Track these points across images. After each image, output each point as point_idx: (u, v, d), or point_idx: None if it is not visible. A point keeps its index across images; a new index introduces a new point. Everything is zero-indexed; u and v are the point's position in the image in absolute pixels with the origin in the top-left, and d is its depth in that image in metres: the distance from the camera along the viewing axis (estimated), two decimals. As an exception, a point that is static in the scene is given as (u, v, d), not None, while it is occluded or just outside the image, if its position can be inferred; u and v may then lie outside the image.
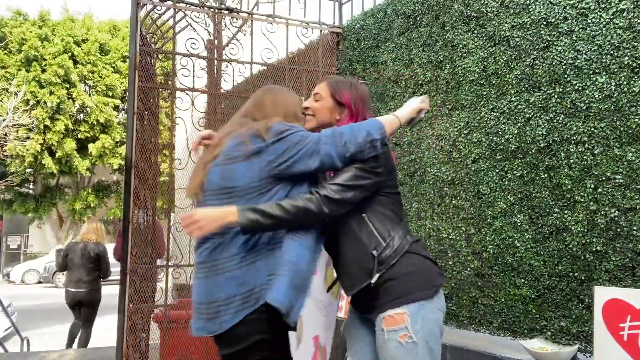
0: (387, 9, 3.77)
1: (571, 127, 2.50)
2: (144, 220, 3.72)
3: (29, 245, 26.55)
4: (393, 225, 1.74)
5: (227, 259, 1.59)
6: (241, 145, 1.63)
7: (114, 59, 20.85)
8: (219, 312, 1.57)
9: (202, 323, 1.61)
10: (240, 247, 1.59)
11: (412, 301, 1.68)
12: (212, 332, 1.59)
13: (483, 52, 2.96)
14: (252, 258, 1.59)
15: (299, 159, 1.62)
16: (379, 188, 1.73)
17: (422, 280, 1.71)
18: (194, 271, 1.71)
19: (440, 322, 1.74)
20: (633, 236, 2.25)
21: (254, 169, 1.61)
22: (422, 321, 1.67)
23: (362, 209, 1.73)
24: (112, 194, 23.40)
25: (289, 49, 4.18)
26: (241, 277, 1.57)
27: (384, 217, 1.74)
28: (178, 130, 4.49)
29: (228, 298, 1.56)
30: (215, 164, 1.67)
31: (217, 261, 1.60)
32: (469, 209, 3.00)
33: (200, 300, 1.62)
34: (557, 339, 2.54)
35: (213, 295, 1.58)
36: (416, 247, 1.74)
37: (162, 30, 4.02)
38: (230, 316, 1.56)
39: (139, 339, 3.61)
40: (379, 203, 1.75)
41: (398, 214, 1.78)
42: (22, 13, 20.94)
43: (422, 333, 1.67)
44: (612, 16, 2.35)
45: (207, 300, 1.59)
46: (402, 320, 1.67)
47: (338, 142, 1.64)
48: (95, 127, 20.24)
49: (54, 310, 11.65)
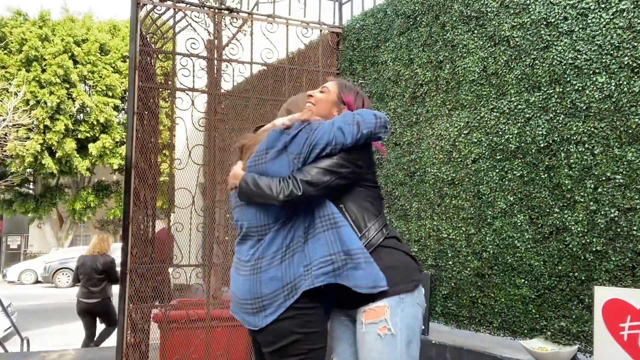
0: (387, 9, 3.77)
1: (571, 127, 2.50)
2: (144, 222, 3.72)
3: (29, 245, 26.55)
4: (370, 217, 1.78)
5: (269, 257, 1.69)
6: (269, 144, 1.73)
7: (114, 59, 20.85)
8: (264, 307, 1.67)
9: (247, 317, 1.72)
10: (280, 244, 1.70)
11: (393, 294, 1.70)
12: (257, 326, 1.69)
13: (483, 52, 2.96)
14: (291, 253, 1.70)
15: (318, 141, 1.69)
16: (358, 180, 1.78)
17: (403, 275, 1.75)
18: (233, 266, 1.82)
19: (419, 316, 1.77)
20: (633, 236, 2.25)
21: (284, 163, 1.70)
22: (401, 314, 1.70)
23: (341, 199, 1.78)
24: (112, 194, 23.40)
25: (289, 49, 4.18)
26: (283, 272, 1.68)
27: (362, 209, 1.79)
28: (178, 130, 4.49)
29: (272, 293, 1.67)
30: (248, 164, 1.76)
31: (262, 259, 1.70)
32: (469, 209, 3.00)
33: (245, 296, 1.71)
34: (557, 339, 2.53)
35: (258, 292, 1.68)
36: (394, 242, 1.78)
37: (162, 30, 4.02)
38: (274, 309, 1.66)
39: (139, 339, 3.61)
40: (358, 195, 1.79)
41: (377, 208, 1.82)
42: (22, 13, 20.93)
43: (400, 325, 1.70)
44: (612, 16, 2.35)
45: (252, 296, 1.69)
46: (382, 312, 1.70)
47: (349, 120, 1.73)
48: (95, 127, 20.25)
49: (54, 310, 11.65)
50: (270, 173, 1.71)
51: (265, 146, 1.73)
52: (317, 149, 1.69)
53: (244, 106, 4.39)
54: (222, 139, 4.20)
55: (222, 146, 4.14)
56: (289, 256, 1.70)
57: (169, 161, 3.86)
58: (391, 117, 3.65)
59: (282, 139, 1.70)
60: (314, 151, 1.69)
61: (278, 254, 1.70)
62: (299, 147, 1.69)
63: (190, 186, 3.75)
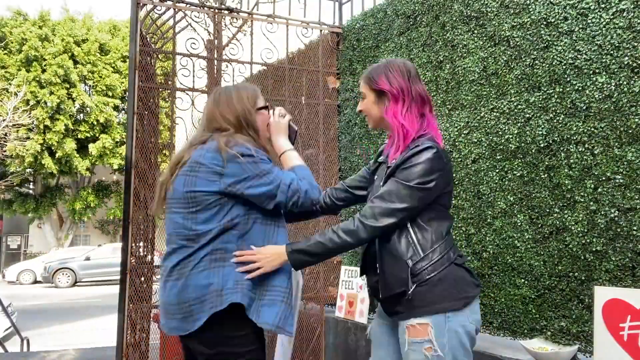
0: (387, 9, 3.77)
1: (571, 127, 2.50)
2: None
3: (29, 245, 26.57)
4: (437, 239, 1.67)
5: (198, 262, 1.68)
6: (201, 160, 1.71)
7: (114, 59, 20.86)
8: (192, 311, 1.65)
9: (175, 323, 1.69)
10: (209, 254, 1.69)
11: (437, 312, 1.60)
12: (187, 331, 1.67)
13: (483, 52, 2.96)
14: (221, 263, 1.68)
15: (254, 187, 1.70)
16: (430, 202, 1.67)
17: (451, 290, 1.62)
18: (160, 274, 1.81)
19: (471, 335, 1.64)
20: (633, 236, 2.25)
21: (214, 186, 1.69)
22: (448, 334, 1.59)
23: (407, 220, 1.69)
24: (112, 194, 23.41)
25: (289, 49, 4.18)
26: (211, 278, 1.66)
27: (428, 230, 1.68)
28: (178, 130, 4.48)
29: (199, 297, 1.64)
30: (179, 173, 1.74)
31: (188, 265, 1.68)
32: (469, 209, 3.00)
33: (171, 301, 1.70)
34: (557, 339, 2.54)
35: (185, 296, 1.66)
36: (459, 259, 1.69)
37: (162, 30, 4.02)
38: (203, 314, 1.64)
39: (139, 338, 3.61)
40: (425, 215, 1.69)
41: (443, 228, 1.71)
42: (22, 13, 20.92)
43: (448, 347, 1.58)
44: (612, 16, 2.35)
45: (178, 300, 1.67)
46: (425, 332, 1.59)
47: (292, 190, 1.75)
48: (95, 127, 20.26)
49: (54, 310, 11.66)
50: (199, 183, 1.70)
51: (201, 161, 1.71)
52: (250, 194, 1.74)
53: (244, 106, 4.38)
54: (222, 139, 4.19)
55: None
56: (219, 265, 1.68)
57: (169, 161, 3.85)
58: (391, 117, 3.65)
59: (217, 161, 1.69)
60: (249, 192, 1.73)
61: (205, 260, 1.68)
62: (232, 179, 1.70)
63: (190, 186, 3.75)
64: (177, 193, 1.74)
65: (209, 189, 1.68)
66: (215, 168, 1.68)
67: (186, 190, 1.70)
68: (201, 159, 1.70)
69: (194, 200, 1.69)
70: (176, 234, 1.73)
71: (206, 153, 1.70)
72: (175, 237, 1.73)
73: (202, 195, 1.69)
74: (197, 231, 1.69)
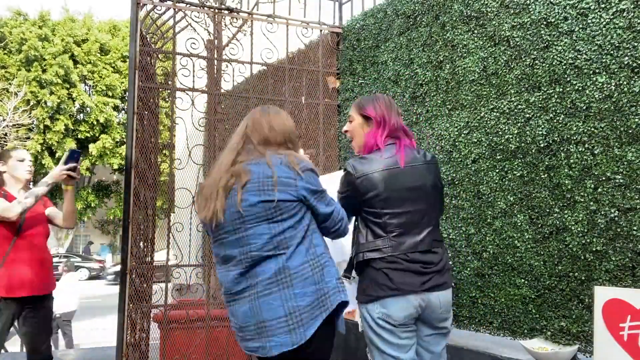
0: (387, 9, 3.77)
1: (571, 127, 2.50)
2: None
3: (29, 245, 26.50)
4: (367, 238, 2.05)
5: (297, 267, 1.67)
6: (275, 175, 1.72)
7: (114, 59, 20.86)
8: (302, 320, 1.61)
9: (281, 339, 1.61)
10: (304, 256, 1.70)
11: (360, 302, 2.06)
12: (296, 344, 1.61)
13: (483, 52, 2.96)
14: (320, 265, 1.71)
15: (321, 203, 1.79)
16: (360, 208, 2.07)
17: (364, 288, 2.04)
18: (234, 298, 1.77)
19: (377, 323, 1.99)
20: (633, 236, 2.25)
21: (291, 195, 1.72)
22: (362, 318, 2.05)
23: (356, 220, 2.13)
24: (112, 194, 23.41)
25: (289, 49, 4.18)
26: (316, 282, 1.67)
27: (363, 231, 2.07)
28: (178, 130, 4.49)
29: (309, 304, 1.63)
30: (247, 189, 1.72)
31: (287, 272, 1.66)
32: (469, 209, 3.00)
33: (271, 317, 1.63)
34: (557, 339, 2.54)
35: (294, 305, 1.62)
36: (378, 263, 2.00)
37: (162, 30, 4.02)
38: (313, 322, 1.62)
39: (139, 338, 3.61)
40: (362, 219, 2.09)
41: (378, 229, 2.05)
42: (22, 13, 20.90)
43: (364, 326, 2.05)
44: (612, 16, 2.35)
45: (286, 312, 1.62)
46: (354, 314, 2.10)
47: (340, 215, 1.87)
48: (95, 127, 20.27)
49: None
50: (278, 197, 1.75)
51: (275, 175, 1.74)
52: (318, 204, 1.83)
53: (244, 106, 4.39)
54: (222, 139, 4.20)
55: (222, 146, 4.14)
56: (320, 267, 1.70)
57: (169, 161, 3.86)
58: (391, 117, 3.65)
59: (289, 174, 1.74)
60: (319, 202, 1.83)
61: (307, 264, 1.68)
62: (308, 185, 1.77)
63: (190, 186, 3.75)
64: (252, 208, 1.70)
65: (287, 198, 1.70)
66: (289, 181, 1.71)
67: (262, 200, 1.69)
68: (274, 174, 1.71)
69: (276, 211, 1.69)
70: (262, 247, 1.69)
71: (276, 167, 1.71)
72: (261, 253, 1.69)
73: (283, 203, 1.69)
74: (285, 238, 1.69)
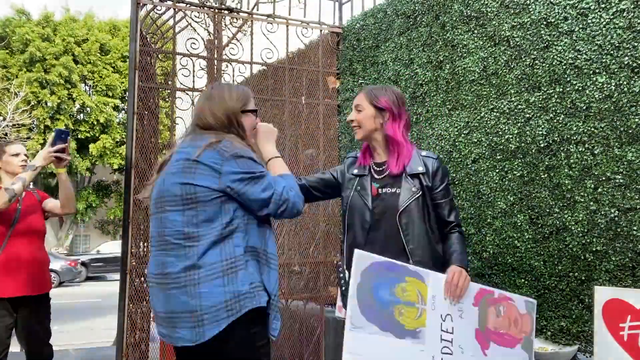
0: (387, 9, 3.77)
1: (571, 127, 2.50)
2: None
3: (29, 245, 26.50)
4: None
5: (208, 266, 1.60)
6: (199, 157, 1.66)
7: (114, 59, 20.87)
8: (203, 320, 1.57)
9: (183, 333, 1.59)
10: (218, 255, 1.61)
11: None
12: (195, 342, 1.58)
13: (483, 52, 2.96)
14: (235, 267, 1.62)
15: (251, 190, 1.67)
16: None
17: None
18: (154, 281, 1.70)
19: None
20: (633, 236, 2.25)
21: (214, 182, 1.64)
22: None
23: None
24: (112, 193, 23.41)
25: (289, 49, 4.18)
26: (225, 284, 1.59)
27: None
28: (178, 130, 4.48)
29: (213, 306, 1.57)
30: (170, 169, 1.69)
31: (195, 269, 1.60)
32: (469, 209, 3.00)
33: (178, 309, 1.60)
34: (557, 339, 2.54)
35: (197, 304, 1.57)
36: None
37: (162, 30, 4.02)
38: (215, 325, 1.57)
39: (139, 338, 3.61)
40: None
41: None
42: (25, 12, 20.89)
43: None
44: (612, 16, 2.35)
45: (190, 309, 1.58)
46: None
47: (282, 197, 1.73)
48: (95, 127, 20.27)
49: (54, 310, 11.64)
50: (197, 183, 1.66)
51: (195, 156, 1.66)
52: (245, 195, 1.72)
53: (244, 106, 4.37)
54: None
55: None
56: (231, 270, 1.61)
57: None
58: (391, 117, 3.65)
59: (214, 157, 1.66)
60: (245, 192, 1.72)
61: (217, 265, 1.60)
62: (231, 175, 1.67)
63: (190, 186, 3.75)
64: (170, 190, 1.67)
65: (208, 185, 1.63)
66: (214, 166, 1.63)
67: (182, 182, 1.64)
68: (199, 157, 1.64)
69: (194, 197, 1.63)
70: (173, 234, 1.65)
71: (204, 152, 1.64)
72: (171, 239, 1.65)
73: (203, 190, 1.62)
74: (198, 231, 1.61)
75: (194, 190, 1.63)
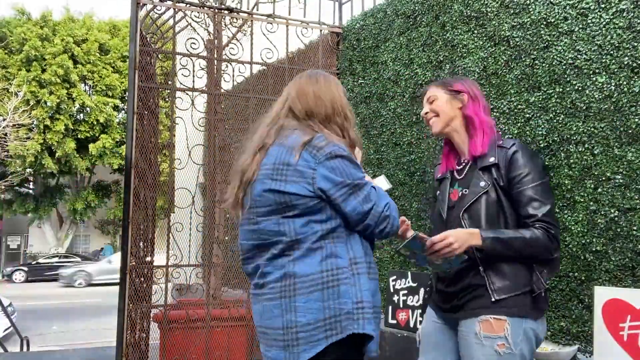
0: (387, 9, 3.77)
1: (571, 127, 2.50)
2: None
3: (29, 245, 26.55)
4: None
5: (305, 277, 1.42)
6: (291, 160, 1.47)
7: (114, 59, 20.86)
8: (298, 339, 1.39)
9: (276, 353, 1.43)
10: (318, 265, 1.43)
11: (514, 315, 1.66)
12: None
13: (483, 52, 2.96)
14: (337, 280, 1.43)
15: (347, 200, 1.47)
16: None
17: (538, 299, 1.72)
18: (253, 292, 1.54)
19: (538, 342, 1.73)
20: (633, 236, 2.25)
21: (307, 188, 1.45)
22: (523, 335, 1.65)
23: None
24: (112, 194, 23.41)
25: (289, 49, 4.18)
26: (325, 299, 1.40)
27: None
28: (178, 130, 4.49)
29: (309, 323, 1.39)
30: (259, 175, 1.50)
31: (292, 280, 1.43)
32: (469, 209, 3.00)
33: (271, 325, 1.45)
34: (557, 339, 2.54)
35: (291, 319, 1.40)
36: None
37: (162, 30, 4.02)
38: (311, 345, 1.39)
39: (139, 338, 3.61)
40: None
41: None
42: (25, 12, 20.88)
43: (521, 347, 1.64)
44: (612, 16, 2.35)
45: (283, 324, 1.41)
46: (501, 328, 1.64)
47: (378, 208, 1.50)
48: (95, 127, 20.27)
49: (54, 310, 11.65)
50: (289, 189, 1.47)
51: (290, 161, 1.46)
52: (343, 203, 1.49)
53: (244, 106, 4.39)
54: (222, 138, 4.20)
55: (222, 146, 4.14)
56: (332, 284, 1.41)
57: (169, 161, 3.86)
58: (391, 117, 3.65)
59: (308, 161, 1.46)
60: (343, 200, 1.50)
61: (317, 276, 1.42)
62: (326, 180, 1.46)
63: (190, 186, 3.76)
64: (261, 198, 1.49)
65: (300, 192, 1.44)
66: (306, 171, 1.44)
67: (273, 189, 1.46)
68: (292, 161, 1.45)
69: (288, 203, 1.45)
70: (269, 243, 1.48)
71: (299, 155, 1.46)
72: (267, 247, 1.49)
73: (297, 198, 1.44)
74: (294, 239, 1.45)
75: (288, 198, 1.45)
